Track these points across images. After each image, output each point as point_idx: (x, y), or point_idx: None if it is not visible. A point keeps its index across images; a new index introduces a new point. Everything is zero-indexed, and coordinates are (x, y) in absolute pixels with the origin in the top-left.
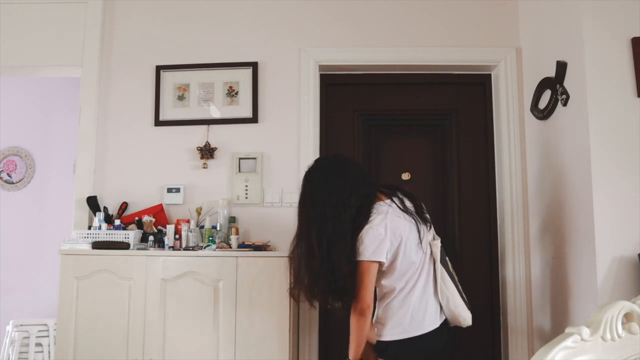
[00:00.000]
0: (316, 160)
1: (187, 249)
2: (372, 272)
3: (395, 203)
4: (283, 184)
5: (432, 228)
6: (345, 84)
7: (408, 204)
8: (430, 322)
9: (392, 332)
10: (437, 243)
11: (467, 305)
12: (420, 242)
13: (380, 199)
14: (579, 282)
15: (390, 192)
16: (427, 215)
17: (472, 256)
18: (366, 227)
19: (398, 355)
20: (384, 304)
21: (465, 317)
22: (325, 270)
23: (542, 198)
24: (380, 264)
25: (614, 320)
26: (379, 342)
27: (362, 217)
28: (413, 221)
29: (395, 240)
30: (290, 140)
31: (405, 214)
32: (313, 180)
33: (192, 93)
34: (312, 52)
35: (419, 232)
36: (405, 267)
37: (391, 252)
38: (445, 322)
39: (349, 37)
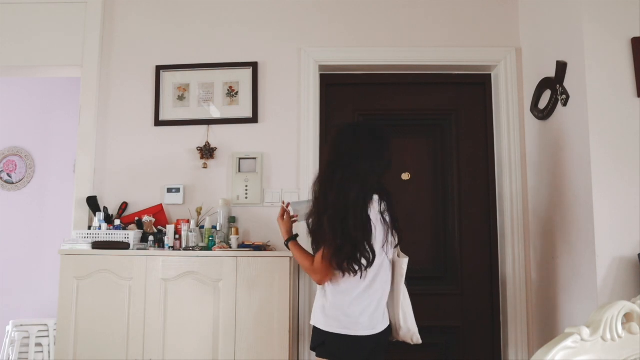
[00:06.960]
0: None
1: (187, 249)
2: None
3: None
4: (283, 184)
5: (399, 247)
6: (345, 84)
7: (388, 213)
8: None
9: (331, 323)
10: (405, 261)
11: None
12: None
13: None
14: (578, 282)
15: (382, 193)
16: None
17: (472, 256)
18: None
19: (336, 352)
20: (332, 288)
21: (418, 335)
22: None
23: (542, 198)
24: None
25: (614, 320)
26: (316, 332)
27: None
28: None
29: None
30: (290, 140)
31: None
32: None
33: (192, 93)
34: (312, 52)
35: (387, 236)
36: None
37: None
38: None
39: (349, 37)
